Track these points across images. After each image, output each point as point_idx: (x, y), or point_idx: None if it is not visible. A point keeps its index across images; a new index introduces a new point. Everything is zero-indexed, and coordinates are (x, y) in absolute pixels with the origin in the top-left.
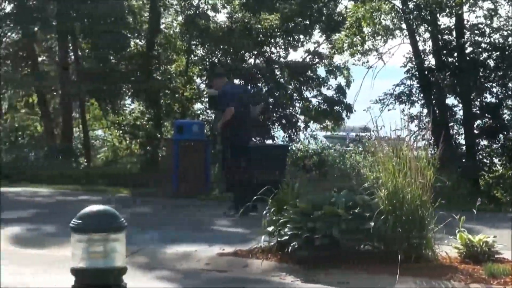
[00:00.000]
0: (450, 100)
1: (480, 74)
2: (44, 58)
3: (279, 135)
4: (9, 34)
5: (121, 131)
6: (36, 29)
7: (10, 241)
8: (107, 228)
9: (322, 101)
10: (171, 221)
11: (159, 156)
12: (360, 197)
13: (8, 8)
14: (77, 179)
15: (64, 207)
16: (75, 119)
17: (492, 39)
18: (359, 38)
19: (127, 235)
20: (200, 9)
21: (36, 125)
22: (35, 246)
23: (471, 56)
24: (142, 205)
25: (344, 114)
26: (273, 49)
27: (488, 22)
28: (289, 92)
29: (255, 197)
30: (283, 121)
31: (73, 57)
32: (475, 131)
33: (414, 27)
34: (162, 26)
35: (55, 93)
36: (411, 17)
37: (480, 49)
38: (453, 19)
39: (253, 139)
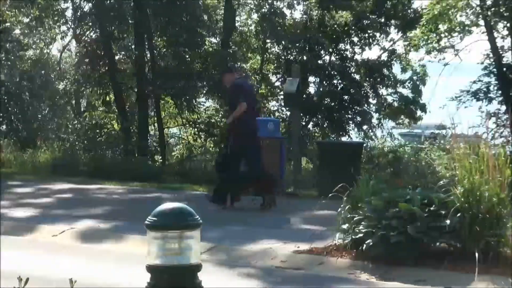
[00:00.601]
0: None
1: None
2: (121, 56)
3: (353, 133)
4: (87, 32)
5: (196, 129)
6: (113, 27)
7: (84, 237)
8: (182, 225)
9: (397, 99)
10: (246, 218)
11: None
12: (435, 195)
13: (87, 7)
14: (153, 176)
15: (139, 205)
16: (151, 117)
17: None
18: (435, 35)
19: (202, 232)
20: (275, 7)
21: (113, 123)
22: (109, 242)
23: None
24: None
25: (419, 111)
26: (348, 47)
27: None
28: (364, 89)
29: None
30: (358, 119)
31: (149, 55)
32: None
33: (492, 23)
34: (237, 24)
35: (131, 91)
36: (489, 13)
37: None
38: None
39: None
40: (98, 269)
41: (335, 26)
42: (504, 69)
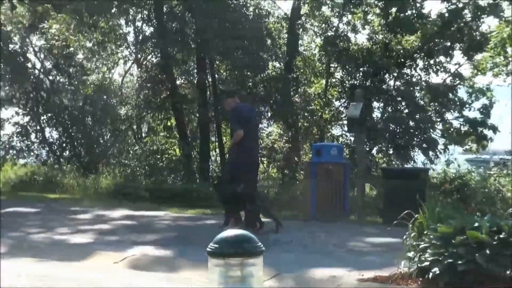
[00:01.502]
0: None
1: None
2: (182, 81)
3: (419, 158)
4: (148, 57)
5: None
6: (174, 51)
7: (145, 264)
8: (244, 252)
9: (463, 123)
10: (309, 245)
11: (296, 179)
12: (505, 222)
13: (148, 31)
14: (214, 202)
15: (201, 231)
16: (212, 142)
17: None
18: (503, 59)
19: (265, 258)
20: (340, 30)
21: (174, 148)
22: (171, 269)
23: None
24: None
25: (488, 136)
26: (413, 71)
27: None
28: (429, 114)
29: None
30: (424, 145)
31: (210, 79)
32: None
33: None
34: (300, 48)
35: (192, 116)
36: None
37: None
38: None
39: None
40: None
41: (401, 50)
42: None
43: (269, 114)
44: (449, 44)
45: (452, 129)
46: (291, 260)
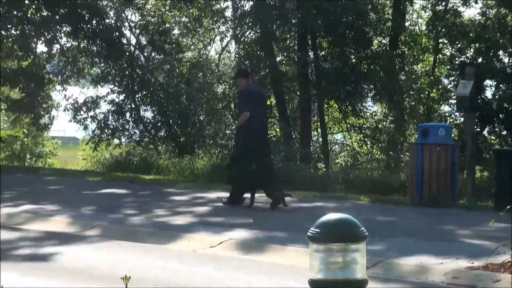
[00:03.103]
0: None
1: None
2: (282, 58)
3: None
4: (247, 33)
5: (361, 135)
6: (274, 27)
7: (242, 248)
8: (346, 238)
9: None
10: (414, 231)
11: (401, 161)
12: None
13: (247, 5)
14: (315, 184)
15: (301, 214)
16: (314, 122)
17: None
18: None
19: (367, 245)
20: (450, 4)
21: (274, 128)
22: (269, 254)
23: None
24: (384, 213)
25: None
26: None
27: None
28: None
29: None
30: None
31: (312, 56)
32: None
33: None
34: (407, 23)
35: (293, 95)
36: None
37: None
38: None
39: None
40: (258, 282)
41: None
42: None
43: (372, 93)
44: None
45: None
46: (392, 246)
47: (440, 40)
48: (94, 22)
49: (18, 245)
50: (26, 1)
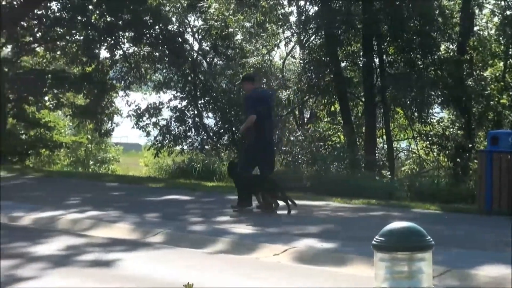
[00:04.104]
0: None
1: None
2: (347, 63)
3: None
4: (312, 38)
5: (428, 142)
6: (339, 32)
7: (305, 257)
8: (412, 246)
9: None
10: (483, 241)
11: (470, 169)
12: None
13: (312, 10)
14: (380, 193)
15: (364, 223)
16: (379, 128)
17: None
18: None
19: (433, 254)
20: None
21: (338, 135)
22: (332, 263)
23: None
24: (451, 222)
25: None
26: None
27: None
28: None
29: None
30: None
31: (377, 62)
32: None
33: None
34: (475, 28)
35: (358, 101)
36: None
37: None
38: None
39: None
40: None
41: None
42: None
43: (440, 99)
44: None
45: None
46: (462, 257)
47: (511, 46)
48: (157, 27)
49: (81, 251)
50: (90, 7)
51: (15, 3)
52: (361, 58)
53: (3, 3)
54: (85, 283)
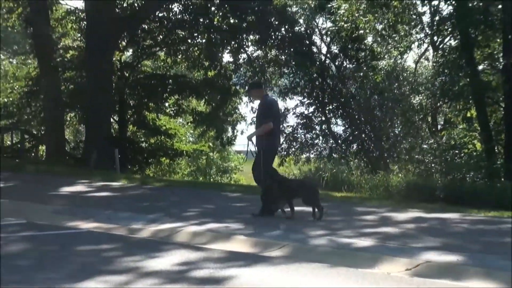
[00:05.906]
0: None
1: None
2: (485, 66)
3: None
4: (446, 39)
5: None
6: (477, 33)
7: (440, 273)
8: None
9: None
10: None
11: None
12: None
13: (446, 10)
14: None
15: (502, 236)
16: None
17: None
18: None
19: None
20: None
21: (474, 143)
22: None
23: None
24: None
25: None
26: None
27: None
28: None
29: None
30: None
31: None
32: None
33: None
34: None
35: (497, 106)
36: None
37: None
38: None
39: None
40: None
41: None
42: None
43: None
44: None
45: None
46: None
47: None
48: (283, 29)
49: (199, 266)
50: (213, 8)
51: (136, 5)
52: (501, 60)
53: (124, 5)
54: None
